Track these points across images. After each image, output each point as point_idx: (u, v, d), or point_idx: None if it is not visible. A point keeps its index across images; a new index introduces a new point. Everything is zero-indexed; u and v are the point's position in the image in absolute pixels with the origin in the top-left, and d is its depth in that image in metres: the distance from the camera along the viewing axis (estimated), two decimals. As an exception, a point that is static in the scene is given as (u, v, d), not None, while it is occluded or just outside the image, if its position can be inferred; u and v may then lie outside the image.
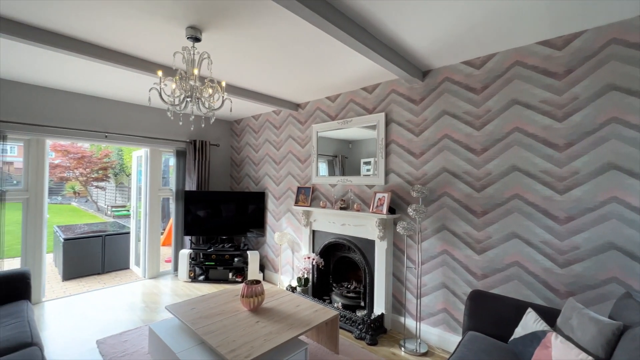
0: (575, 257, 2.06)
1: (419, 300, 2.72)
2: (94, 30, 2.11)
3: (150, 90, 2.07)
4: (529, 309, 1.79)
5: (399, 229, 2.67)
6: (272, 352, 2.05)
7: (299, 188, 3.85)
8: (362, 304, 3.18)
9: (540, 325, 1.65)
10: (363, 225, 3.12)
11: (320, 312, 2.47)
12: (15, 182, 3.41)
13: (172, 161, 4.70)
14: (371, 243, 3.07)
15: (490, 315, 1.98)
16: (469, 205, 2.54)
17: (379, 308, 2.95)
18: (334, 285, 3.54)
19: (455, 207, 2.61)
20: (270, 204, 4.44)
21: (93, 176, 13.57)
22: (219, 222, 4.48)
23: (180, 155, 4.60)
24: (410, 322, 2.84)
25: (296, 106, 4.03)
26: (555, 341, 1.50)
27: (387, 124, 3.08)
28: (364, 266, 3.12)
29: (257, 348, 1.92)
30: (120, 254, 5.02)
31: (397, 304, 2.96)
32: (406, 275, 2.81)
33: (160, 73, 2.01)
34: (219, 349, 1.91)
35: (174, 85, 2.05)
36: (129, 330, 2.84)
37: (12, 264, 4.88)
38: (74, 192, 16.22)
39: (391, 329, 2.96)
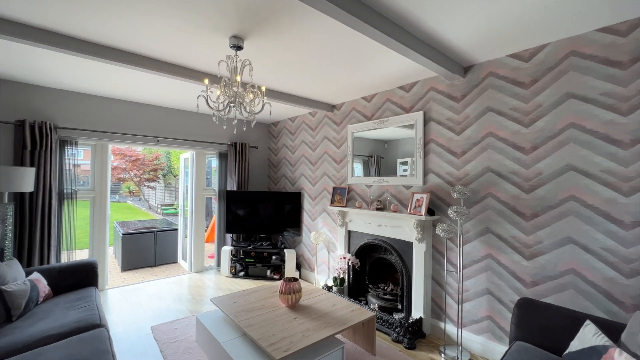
0: (645, 267, 1.84)
1: (460, 306, 2.61)
2: (151, 45, 2.32)
3: (198, 98, 2.23)
4: (588, 321, 1.64)
5: (438, 231, 2.58)
6: (309, 348, 2.10)
7: (334, 188, 3.89)
8: (399, 306, 3.12)
9: (600, 339, 1.51)
10: (400, 227, 3.06)
11: (356, 312, 2.48)
12: (82, 182, 3.85)
13: (215, 163, 5.00)
14: (409, 245, 3.00)
15: (540, 326, 1.85)
16: (516, 208, 2.39)
17: (417, 312, 2.88)
18: (370, 286, 3.51)
19: (501, 209, 2.47)
20: (306, 204, 4.52)
21: (145, 177, 14.84)
22: (258, 221, 4.67)
23: (222, 157, 4.87)
24: (451, 328, 2.73)
25: (332, 107, 4.07)
26: (619, 358, 1.36)
27: (425, 122, 2.99)
28: (401, 268, 3.07)
29: (296, 343, 1.98)
30: (169, 249, 5.44)
31: (437, 309, 2.86)
32: (446, 279, 2.71)
33: (206, 81, 2.16)
34: (259, 341, 2.00)
35: (218, 92, 2.19)
36: (178, 319, 3.08)
37: (81, 255, 5.53)
38: (129, 192, 17.85)
39: (430, 334, 2.87)
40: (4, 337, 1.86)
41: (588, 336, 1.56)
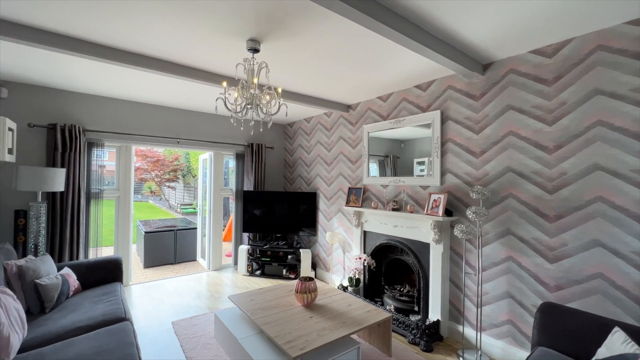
0: (680, 272, 1.74)
1: (479, 309, 2.55)
2: (173, 50, 2.41)
3: (216, 100, 2.29)
4: (616, 328, 1.57)
5: (456, 232, 2.53)
6: (325, 347, 2.12)
7: (350, 188, 3.88)
8: (416, 308, 3.08)
9: (630, 347, 1.44)
10: (417, 228, 3.02)
11: (372, 312, 2.47)
12: (107, 182, 4.02)
13: (232, 163, 5.10)
14: (425, 246, 2.96)
15: (564, 331, 1.78)
16: (539, 209, 2.31)
17: (434, 314, 2.83)
18: (386, 287, 3.48)
19: (523, 210, 2.39)
20: (322, 204, 4.54)
21: (165, 177, 15.32)
22: (274, 220, 4.73)
23: (239, 157, 4.96)
24: (469, 332, 2.67)
25: (347, 107, 4.07)
26: (651, 367, 1.29)
27: (442, 122, 2.94)
28: (418, 269, 3.03)
29: (311, 342, 2.00)
30: (188, 247, 5.60)
31: (455, 312, 2.81)
32: (465, 281, 2.65)
33: (224, 84, 2.22)
34: (276, 339, 2.03)
35: (236, 94, 2.24)
36: (197, 315, 3.17)
37: (107, 252, 5.77)
38: (151, 192, 18.49)
39: (448, 336, 2.82)
40: (39, 327, 1.99)
41: (617, 344, 1.50)
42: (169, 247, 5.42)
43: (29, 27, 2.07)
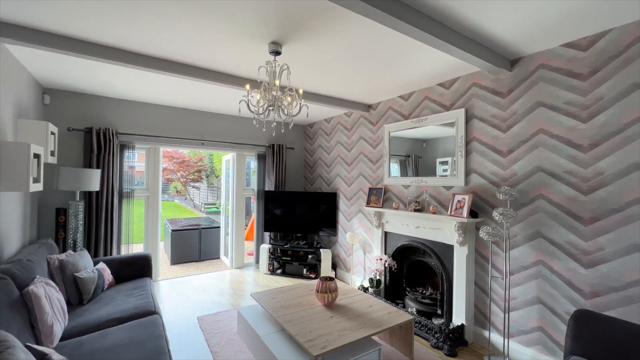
0: None
1: (507, 315, 2.45)
2: (199, 55, 2.50)
3: (240, 102, 2.36)
4: (661, 339, 1.46)
5: (482, 234, 2.45)
6: (346, 347, 2.12)
7: (370, 189, 3.85)
8: (439, 311, 3.01)
9: (677, 360, 1.33)
10: (440, 229, 2.95)
11: (393, 314, 2.44)
12: (137, 182, 4.23)
13: (253, 164, 5.21)
14: (449, 248, 2.89)
15: (601, 341, 1.68)
16: (572, 211, 2.19)
17: (458, 318, 2.76)
18: (408, 289, 3.43)
19: (554, 212, 2.28)
20: (342, 204, 4.54)
21: (190, 177, 15.89)
22: (294, 220, 4.78)
23: (260, 158, 5.06)
24: (496, 338, 2.58)
25: (367, 107, 4.04)
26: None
27: (467, 120, 2.86)
28: (441, 272, 2.95)
29: (332, 341, 2.01)
30: (212, 245, 5.78)
31: (480, 316, 2.72)
32: (491, 285, 2.56)
33: (248, 86, 2.27)
34: (297, 337, 2.06)
35: (258, 96, 2.29)
36: (221, 311, 3.26)
37: (137, 248, 6.08)
38: (177, 191, 19.22)
39: (473, 342, 2.73)
40: (78, 317, 2.13)
41: (661, 356, 1.39)
42: (194, 245, 5.61)
43: (66, 37, 2.22)
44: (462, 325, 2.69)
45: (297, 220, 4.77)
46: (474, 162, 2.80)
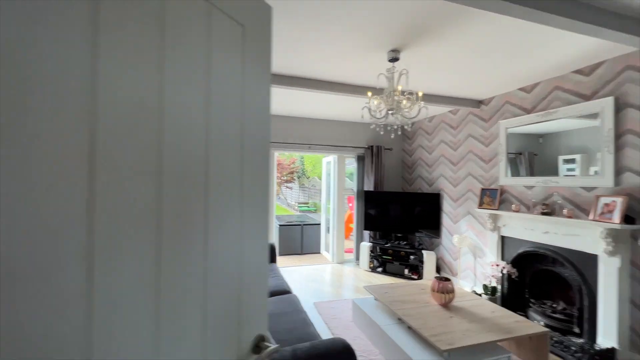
0: None
1: (682, 344, 2.01)
2: (322, 70, 2.84)
3: (362, 109, 2.57)
4: None
5: (643, 243, 2.07)
6: (471, 348, 2.09)
7: (482, 190, 3.62)
8: (576, 330, 2.64)
9: None
10: (577, 235, 2.60)
11: (522, 324, 2.28)
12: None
13: (353, 165, 5.46)
14: (591, 258, 2.51)
15: None
16: None
17: (606, 340, 2.38)
18: (532, 300, 3.10)
19: None
20: (446, 206, 4.37)
21: (284, 178, 17.44)
22: (394, 220, 4.83)
23: (359, 159, 5.28)
24: (664, 370, 2.14)
25: (478, 103, 3.81)
26: None
27: (617, 110, 2.44)
28: (580, 285, 2.59)
29: (457, 340, 2.02)
30: (312, 240, 6.28)
31: (638, 341, 2.29)
32: (656, 306, 2.13)
33: (370, 94, 2.47)
34: (420, 330, 2.14)
35: (376, 102, 2.46)
36: (333, 300, 3.57)
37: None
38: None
39: (627, 370, 2.32)
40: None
41: None
42: (297, 239, 6.21)
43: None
44: (613, 348, 2.31)
45: (397, 220, 4.80)
46: (628, 158, 2.38)
